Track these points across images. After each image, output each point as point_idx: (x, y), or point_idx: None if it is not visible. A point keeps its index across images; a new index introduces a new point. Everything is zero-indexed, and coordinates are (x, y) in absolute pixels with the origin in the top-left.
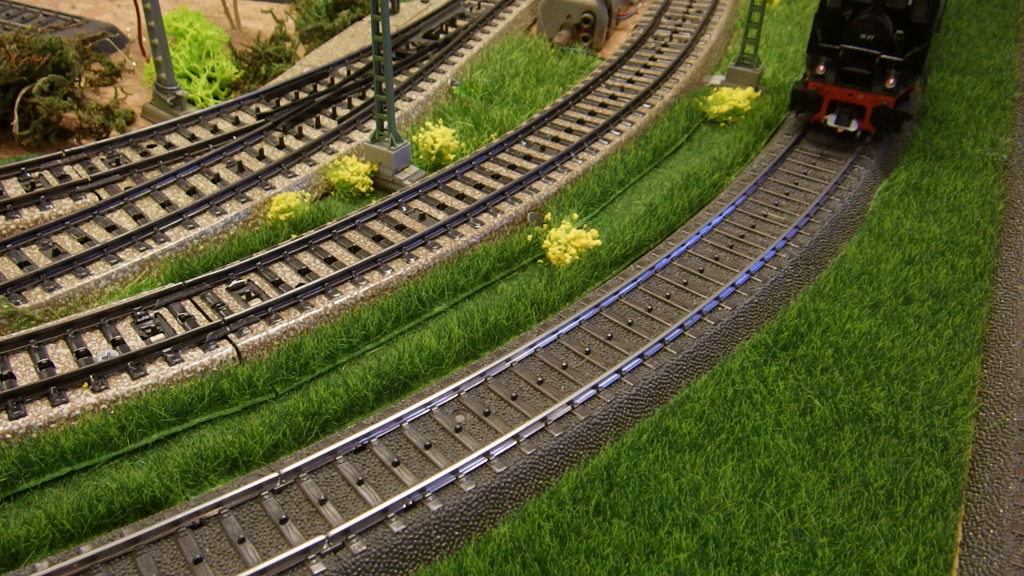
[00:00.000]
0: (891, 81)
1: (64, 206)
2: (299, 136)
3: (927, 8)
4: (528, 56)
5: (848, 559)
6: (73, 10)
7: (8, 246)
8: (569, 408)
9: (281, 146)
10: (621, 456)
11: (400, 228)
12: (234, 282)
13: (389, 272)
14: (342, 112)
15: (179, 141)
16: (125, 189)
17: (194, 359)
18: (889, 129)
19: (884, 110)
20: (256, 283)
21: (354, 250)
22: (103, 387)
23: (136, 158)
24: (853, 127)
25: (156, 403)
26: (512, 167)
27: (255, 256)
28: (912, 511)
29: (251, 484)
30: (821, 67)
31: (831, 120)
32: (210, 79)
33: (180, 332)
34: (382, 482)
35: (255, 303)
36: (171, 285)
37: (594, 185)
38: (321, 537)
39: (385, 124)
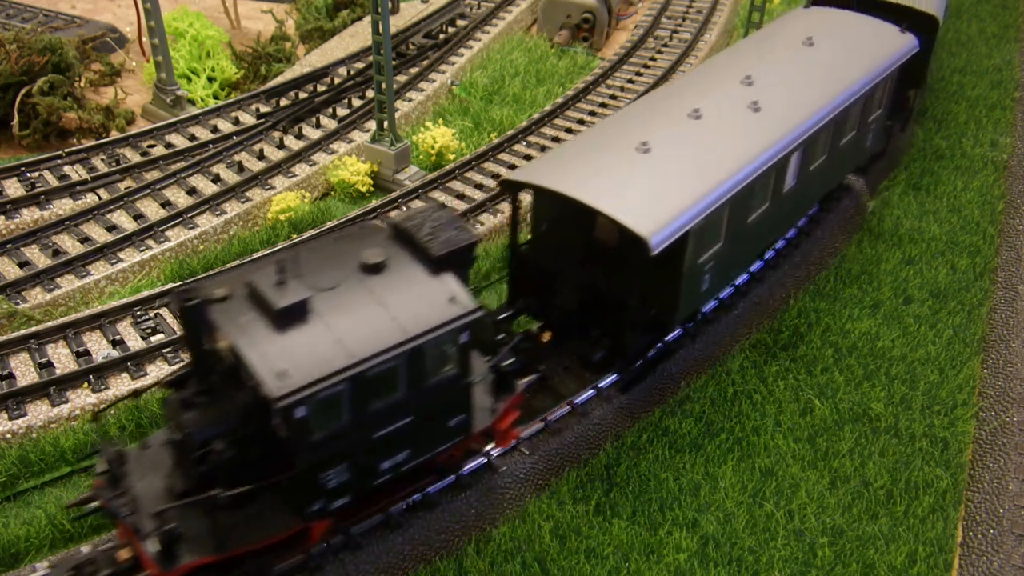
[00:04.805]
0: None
1: (64, 206)
2: (299, 136)
3: (340, 414)
4: (528, 56)
5: (848, 559)
6: (73, 10)
7: (8, 246)
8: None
9: (281, 146)
10: (621, 456)
11: None
12: None
13: None
14: (342, 112)
15: (179, 141)
16: (125, 189)
17: None
18: None
19: None
20: None
21: None
22: (103, 387)
23: (136, 158)
24: None
25: (156, 403)
26: (512, 167)
27: (255, 256)
28: (912, 511)
29: None
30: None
31: None
32: (210, 79)
33: (180, 332)
34: None
35: None
36: (171, 285)
37: None
38: None
39: (385, 124)
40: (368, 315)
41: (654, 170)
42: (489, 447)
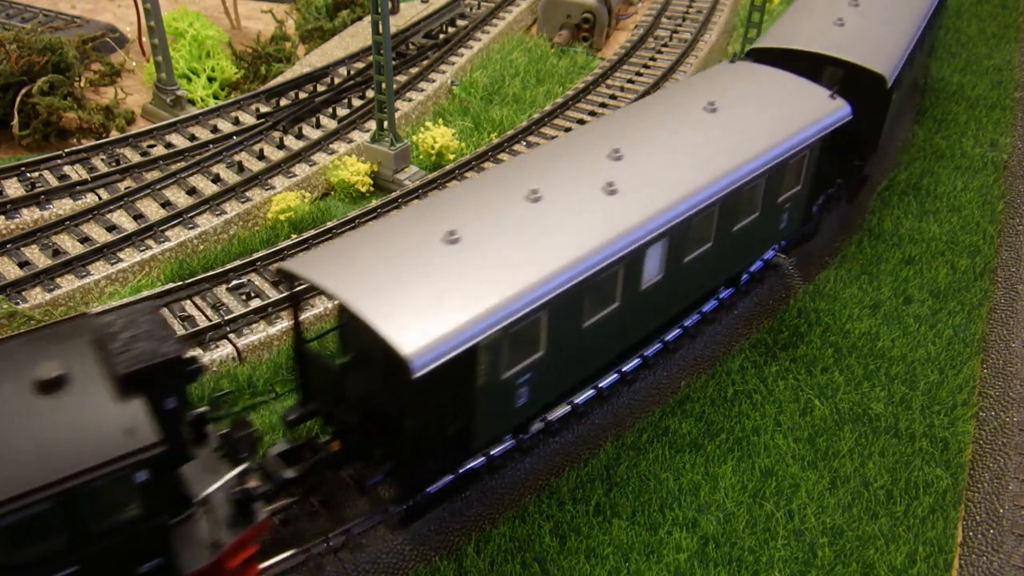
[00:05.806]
0: None
1: (64, 206)
2: (299, 136)
3: None
4: (528, 56)
5: (848, 559)
6: (73, 10)
7: (8, 246)
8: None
9: (281, 146)
10: (621, 456)
11: None
12: (234, 282)
13: None
14: (342, 112)
15: (179, 141)
16: (125, 189)
17: None
18: None
19: None
20: (256, 283)
21: None
22: None
23: (136, 158)
24: None
25: None
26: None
27: (255, 256)
28: (912, 511)
29: None
30: None
31: None
32: (210, 79)
33: (180, 332)
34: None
35: (255, 303)
36: (171, 285)
37: None
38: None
39: (385, 124)
40: (17, 447)
41: (456, 267)
42: None
